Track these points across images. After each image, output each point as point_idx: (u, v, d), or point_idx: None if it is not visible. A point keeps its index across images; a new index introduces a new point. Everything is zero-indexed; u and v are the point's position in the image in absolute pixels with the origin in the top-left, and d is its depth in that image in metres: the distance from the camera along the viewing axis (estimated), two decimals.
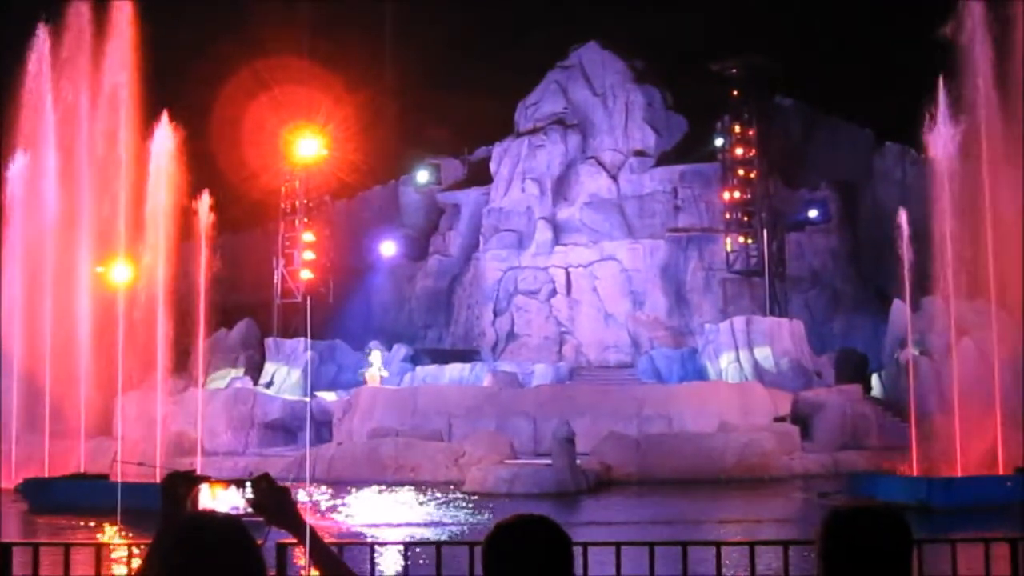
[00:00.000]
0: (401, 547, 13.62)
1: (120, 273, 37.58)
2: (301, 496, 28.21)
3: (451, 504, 30.88)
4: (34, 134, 39.69)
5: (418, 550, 12.98)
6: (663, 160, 59.85)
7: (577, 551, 3.52)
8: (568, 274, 58.67)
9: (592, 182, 60.12)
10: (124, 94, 37.80)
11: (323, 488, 33.99)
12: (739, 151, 56.15)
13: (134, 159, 37.20)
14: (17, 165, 39.52)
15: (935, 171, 33.48)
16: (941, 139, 33.45)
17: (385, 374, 50.95)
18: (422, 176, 65.82)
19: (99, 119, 38.34)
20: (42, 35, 39.85)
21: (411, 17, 64.02)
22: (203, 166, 39.77)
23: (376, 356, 52.07)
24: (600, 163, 60.43)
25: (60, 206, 39.04)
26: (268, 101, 55.97)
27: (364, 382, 49.55)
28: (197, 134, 40.45)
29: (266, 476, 3.62)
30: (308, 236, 59.38)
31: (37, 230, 38.99)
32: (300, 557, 4.05)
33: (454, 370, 51.93)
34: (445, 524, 26.59)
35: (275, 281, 58.66)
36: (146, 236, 36.62)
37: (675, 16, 59.29)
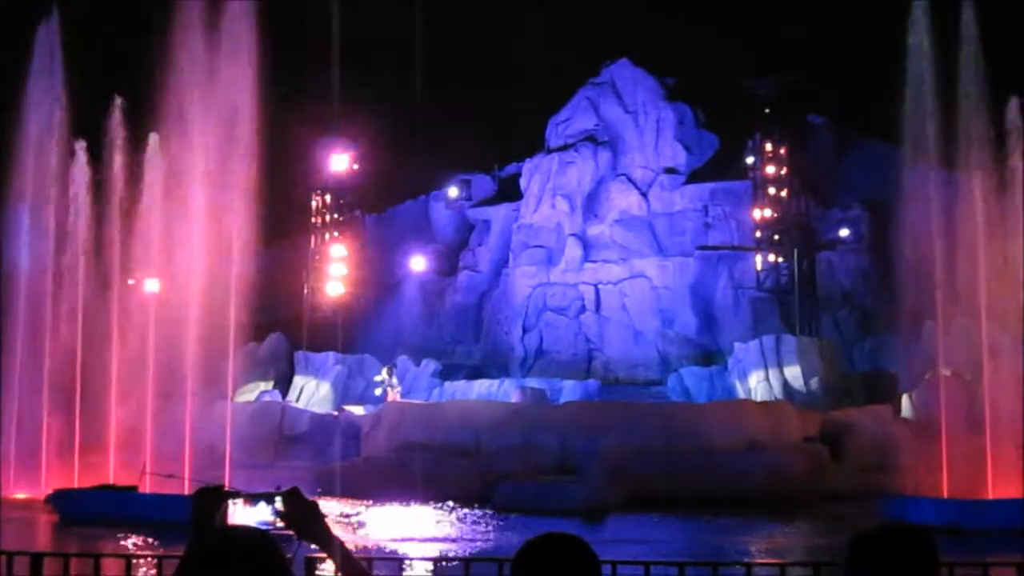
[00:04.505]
0: (430, 563, 13.64)
1: (151, 285, 37.74)
2: (329, 510, 28.21)
3: (479, 520, 30.82)
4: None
5: (447, 565, 12.98)
6: (694, 178, 59.70)
7: (607, 569, 3.51)
8: (598, 291, 58.53)
9: (622, 199, 60.02)
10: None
11: (351, 502, 33.99)
12: (770, 169, 55.93)
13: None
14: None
15: (967, 191, 33.31)
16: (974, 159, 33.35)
17: (398, 387, 50.88)
18: (452, 192, 65.89)
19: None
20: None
21: (443, 31, 64.18)
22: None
23: (386, 372, 52.02)
24: (631, 180, 60.34)
25: (89, 221, 39.42)
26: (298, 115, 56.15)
27: (386, 399, 49.55)
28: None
29: (295, 490, 3.63)
30: (339, 250, 59.60)
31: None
32: (329, 571, 4.05)
33: (482, 385, 51.85)
34: (473, 540, 26.54)
35: (305, 295, 58.85)
36: (178, 249, 36.77)
37: (707, 34, 59.23)
